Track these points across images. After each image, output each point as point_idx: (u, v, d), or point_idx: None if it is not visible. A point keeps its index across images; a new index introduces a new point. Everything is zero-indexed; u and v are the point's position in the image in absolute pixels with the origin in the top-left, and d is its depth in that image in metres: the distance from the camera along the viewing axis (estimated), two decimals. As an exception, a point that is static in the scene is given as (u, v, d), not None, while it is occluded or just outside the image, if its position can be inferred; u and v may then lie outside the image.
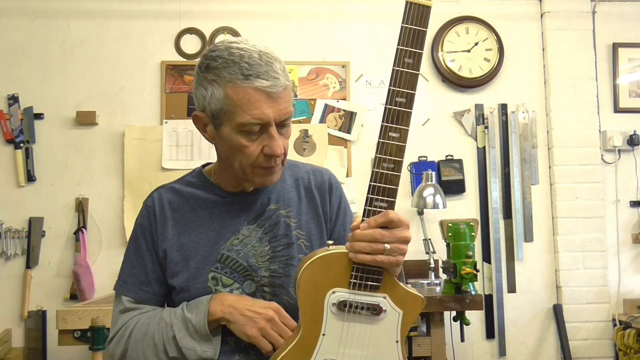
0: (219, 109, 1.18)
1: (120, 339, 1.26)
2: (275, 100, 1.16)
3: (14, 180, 3.16)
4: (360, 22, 3.37)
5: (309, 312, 1.10)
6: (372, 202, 1.07)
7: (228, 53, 1.17)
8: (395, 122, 1.04)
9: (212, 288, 1.25)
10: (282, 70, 1.18)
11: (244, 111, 1.15)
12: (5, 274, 3.13)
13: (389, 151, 1.05)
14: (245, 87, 1.14)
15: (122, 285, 1.31)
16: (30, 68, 3.22)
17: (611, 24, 3.48)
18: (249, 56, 1.16)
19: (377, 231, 1.07)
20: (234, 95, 1.15)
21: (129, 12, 3.30)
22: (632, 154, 3.44)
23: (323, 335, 1.10)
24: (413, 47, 1.01)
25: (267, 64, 1.16)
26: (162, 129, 3.21)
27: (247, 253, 1.27)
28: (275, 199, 1.33)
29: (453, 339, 3.10)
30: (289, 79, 1.19)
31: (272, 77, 1.15)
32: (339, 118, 3.32)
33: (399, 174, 1.07)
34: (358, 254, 1.07)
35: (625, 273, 3.39)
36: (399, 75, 1.03)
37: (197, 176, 1.35)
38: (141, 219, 1.32)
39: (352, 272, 1.08)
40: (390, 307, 1.10)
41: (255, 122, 1.16)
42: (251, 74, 1.14)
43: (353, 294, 1.08)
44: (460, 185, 3.33)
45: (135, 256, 1.31)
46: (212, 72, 1.17)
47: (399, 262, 1.10)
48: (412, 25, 1.01)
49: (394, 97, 1.03)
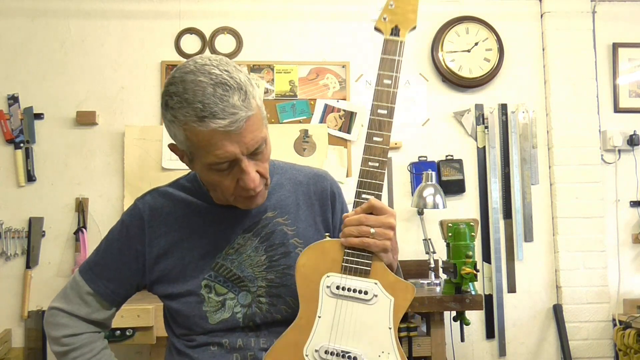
0: (186, 149, 1.16)
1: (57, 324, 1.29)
2: (239, 135, 1.09)
3: (14, 180, 3.16)
4: (360, 22, 3.37)
5: (306, 295, 1.17)
6: (360, 195, 1.20)
7: (183, 89, 1.08)
8: (377, 129, 1.23)
9: (205, 296, 1.24)
10: (242, 101, 1.08)
11: (207, 152, 1.10)
12: (5, 274, 3.13)
13: (374, 152, 1.22)
14: (202, 131, 1.07)
15: (87, 271, 1.30)
16: (30, 68, 3.22)
17: (611, 24, 3.47)
18: (202, 93, 1.06)
19: (363, 215, 1.16)
20: (194, 138, 1.10)
21: (129, 12, 3.30)
22: (632, 154, 3.44)
23: (319, 318, 1.16)
24: (390, 72, 1.25)
25: (222, 99, 1.06)
26: (162, 129, 3.21)
27: (242, 262, 1.26)
28: (273, 207, 1.30)
29: (453, 339, 3.10)
30: (251, 107, 1.10)
31: (229, 114, 1.06)
32: (339, 118, 3.32)
33: (384, 172, 1.21)
34: (347, 237, 1.15)
35: (625, 273, 3.39)
36: (379, 93, 1.24)
37: (191, 181, 1.32)
38: (127, 217, 1.30)
39: (344, 256, 1.17)
40: (382, 293, 1.17)
41: (221, 162, 1.12)
42: (206, 116, 1.06)
43: (345, 278, 1.17)
44: (460, 185, 3.33)
45: (107, 249, 1.30)
46: (170, 113, 1.11)
47: (385, 246, 1.15)
48: (388, 55, 1.26)
49: (377, 109, 1.24)
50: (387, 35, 1.28)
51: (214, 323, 1.24)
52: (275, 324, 1.25)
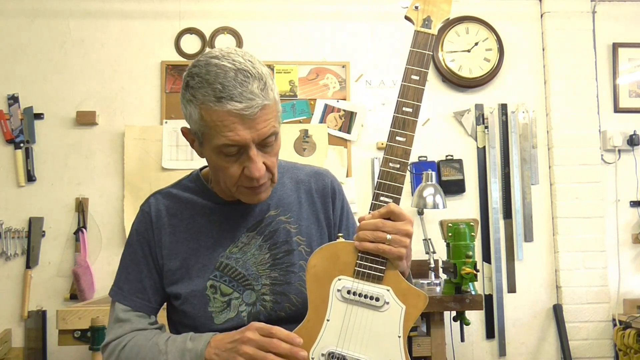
0: (198, 129, 1.17)
1: (113, 351, 1.25)
2: (252, 121, 1.11)
3: (14, 180, 3.16)
4: (360, 22, 3.37)
5: (316, 297, 1.14)
6: (378, 197, 1.16)
7: (205, 71, 1.12)
8: (401, 128, 1.18)
9: (210, 296, 1.24)
10: (260, 89, 1.11)
11: (219, 133, 1.12)
12: (5, 274, 3.13)
13: (395, 153, 1.17)
14: (217, 111, 1.10)
15: (117, 292, 1.29)
16: (30, 68, 3.22)
17: (611, 24, 3.48)
18: (223, 75, 1.10)
19: (380, 220, 1.13)
20: (208, 118, 1.12)
21: (129, 12, 3.30)
22: (632, 154, 3.44)
23: (327, 321, 1.13)
24: (419, 67, 1.19)
25: (242, 84, 1.10)
26: (162, 129, 3.21)
27: (246, 261, 1.26)
28: (275, 205, 1.31)
29: (453, 339, 3.10)
30: (269, 97, 1.13)
31: (246, 99, 1.10)
32: (339, 118, 3.32)
33: (404, 174, 1.17)
34: (362, 241, 1.12)
35: (625, 273, 3.38)
36: (406, 89, 1.19)
37: (194, 181, 1.33)
38: (137, 224, 1.30)
39: (357, 260, 1.13)
40: (393, 301, 1.13)
41: (231, 144, 1.13)
42: (223, 97, 1.10)
43: (357, 282, 1.13)
44: (460, 185, 3.33)
45: (130, 262, 1.29)
46: (189, 92, 1.14)
47: (400, 254, 1.13)
48: (418, 49, 1.19)
49: (401, 107, 1.18)
50: (418, 27, 1.20)
51: (220, 323, 1.24)
52: (279, 321, 1.24)
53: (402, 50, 1.23)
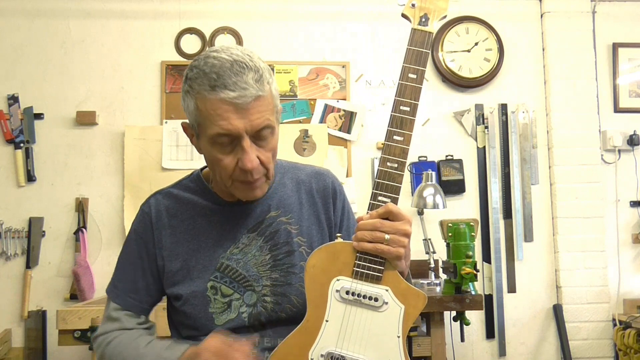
0: (194, 121, 1.18)
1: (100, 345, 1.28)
2: (246, 111, 1.12)
3: (14, 180, 3.16)
4: (360, 22, 3.37)
5: (315, 298, 1.14)
6: (376, 197, 1.16)
7: (204, 63, 1.14)
8: (399, 127, 1.16)
9: (211, 297, 1.24)
10: (254, 80, 1.12)
11: (212, 123, 1.13)
12: (5, 274, 3.13)
13: (393, 152, 1.16)
14: (211, 99, 1.12)
15: (112, 290, 1.31)
16: (30, 68, 3.22)
17: (611, 24, 3.48)
18: (220, 66, 1.12)
19: (378, 221, 1.13)
20: (202, 107, 1.14)
21: (129, 12, 3.30)
22: (632, 154, 3.44)
23: (326, 322, 1.13)
24: (416, 65, 1.17)
25: (237, 74, 1.11)
26: (162, 129, 3.21)
27: (247, 262, 1.26)
28: (276, 206, 1.31)
29: (453, 339, 3.10)
30: (264, 89, 1.14)
31: (239, 88, 1.11)
32: (339, 118, 3.32)
33: (402, 173, 1.16)
34: (360, 242, 1.12)
35: (625, 273, 3.38)
36: (403, 87, 1.17)
37: (195, 181, 1.33)
38: (137, 224, 1.31)
39: (356, 260, 1.13)
40: (392, 301, 1.13)
41: (223, 134, 1.13)
42: (217, 85, 1.11)
43: (356, 283, 1.13)
44: (460, 185, 3.33)
45: (126, 261, 1.30)
46: (187, 83, 1.17)
47: (399, 254, 1.13)
48: (415, 47, 1.18)
49: (399, 106, 1.17)
50: (414, 25, 1.19)
51: (221, 324, 1.24)
52: (280, 322, 1.25)
53: (402, 50, 1.21)
